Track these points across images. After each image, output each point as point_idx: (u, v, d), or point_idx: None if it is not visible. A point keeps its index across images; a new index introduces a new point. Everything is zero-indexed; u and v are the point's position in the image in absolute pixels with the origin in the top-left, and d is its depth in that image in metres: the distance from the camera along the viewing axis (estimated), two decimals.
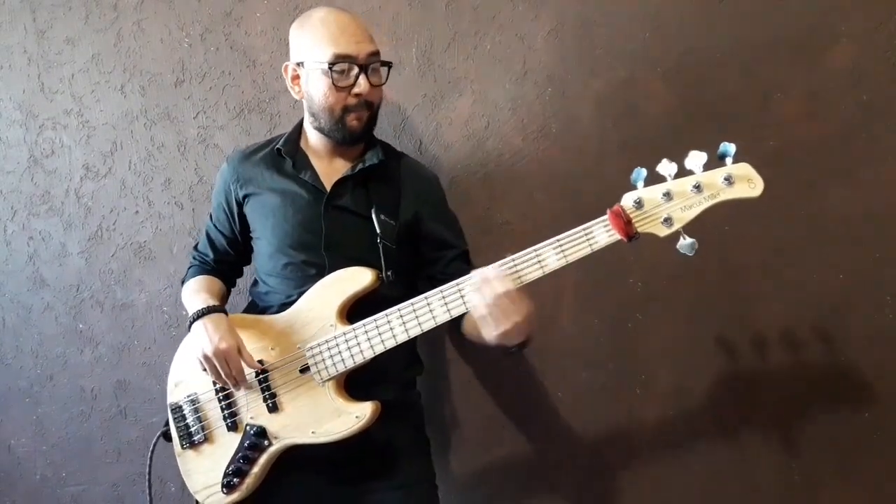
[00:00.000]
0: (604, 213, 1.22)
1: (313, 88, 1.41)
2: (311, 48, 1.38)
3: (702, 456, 1.74)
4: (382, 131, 1.80)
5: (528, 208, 1.75)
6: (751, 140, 1.63)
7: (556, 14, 1.69)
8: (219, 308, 1.43)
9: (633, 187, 1.20)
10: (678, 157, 1.17)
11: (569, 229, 1.73)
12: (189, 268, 1.64)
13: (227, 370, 1.36)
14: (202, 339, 1.37)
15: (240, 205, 1.53)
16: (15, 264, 2.04)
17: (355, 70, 1.37)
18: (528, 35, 1.71)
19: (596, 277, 1.73)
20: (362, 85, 1.37)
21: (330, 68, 1.36)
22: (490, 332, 1.23)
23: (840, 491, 1.68)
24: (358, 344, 1.34)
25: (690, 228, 1.19)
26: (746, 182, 1.15)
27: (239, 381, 1.38)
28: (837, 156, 1.60)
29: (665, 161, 1.17)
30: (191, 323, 1.42)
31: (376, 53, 1.40)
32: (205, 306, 1.42)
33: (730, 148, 1.14)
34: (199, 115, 1.91)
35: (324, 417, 1.36)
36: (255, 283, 1.57)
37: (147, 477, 1.54)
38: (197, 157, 1.92)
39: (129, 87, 1.93)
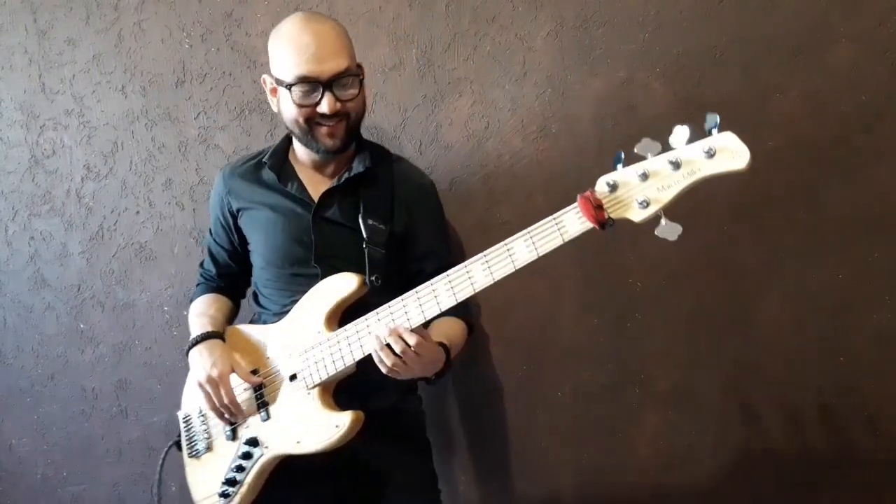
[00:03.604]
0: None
1: (282, 104, 1.38)
2: (277, 64, 1.35)
3: (702, 455, 1.74)
4: (382, 132, 1.80)
5: (528, 208, 1.75)
6: (750, 140, 1.64)
7: (556, 14, 1.69)
8: (213, 334, 1.45)
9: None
10: (663, 137, 1.06)
11: None
12: (196, 286, 1.64)
13: (219, 397, 1.37)
14: (196, 367, 1.41)
15: (234, 217, 1.53)
16: (16, 264, 2.04)
17: (319, 89, 1.31)
18: (528, 35, 1.71)
19: (596, 277, 1.73)
20: (325, 105, 1.32)
21: (289, 88, 1.32)
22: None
23: (840, 491, 1.68)
24: (339, 350, 1.32)
25: (679, 215, 1.05)
26: (729, 153, 1.00)
27: (233, 409, 1.38)
28: (837, 156, 1.60)
29: (646, 140, 1.05)
30: (187, 350, 1.44)
31: (344, 71, 1.32)
32: (199, 334, 1.45)
33: (714, 118, 1.01)
34: (200, 116, 1.91)
35: (308, 427, 1.34)
36: (255, 294, 1.57)
37: (157, 486, 1.51)
38: (198, 157, 1.92)
39: (130, 87, 1.94)
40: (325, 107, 1.32)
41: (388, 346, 1.21)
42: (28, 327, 2.06)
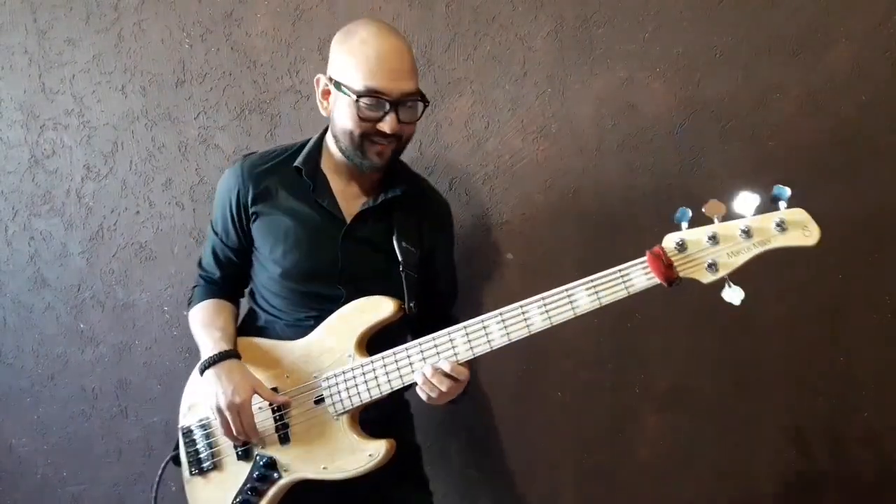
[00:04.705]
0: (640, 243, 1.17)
1: (339, 111, 1.30)
2: (346, 70, 1.27)
3: (701, 455, 1.74)
4: None
5: (528, 208, 1.75)
6: (750, 140, 1.64)
7: (556, 14, 1.69)
8: (231, 353, 1.35)
9: (677, 227, 1.13)
10: (723, 197, 1.10)
11: (567, 230, 1.73)
12: (194, 287, 1.53)
13: (238, 425, 1.30)
14: (216, 390, 1.31)
15: (249, 220, 1.41)
16: (16, 264, 2.04)
17: (386, 107, 1.25)
18: (528, 35, 1.71)
19: None
20: (388, 123, 1.26)
21: (357, 99, 1.25)
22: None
23: (840, 491, 1.68)
24: (375, 378, 1.29)
25: (737, 277, 1.12)
26: (801, 229, 1.08)
27: (251, 435, 1.32)
28: (837, 156, 1.60)
29: (713, 201, 1.09)
30: (203, 369, 1.35)
31: (413, 93, 1.28)
32: (216, 353, 1.34)
33: (784, 191, 1.06)
34: (200, 116, 1.91)
35: (336, 453, 1.31)
36: (254, 294, 1.48)
37: (155, 490, 1.46)
38: (198, 157, 1.92)
39: (130, 87, 1.94)
40: (386, 125, 1.26)
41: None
42: (28, 327, 2.06)
